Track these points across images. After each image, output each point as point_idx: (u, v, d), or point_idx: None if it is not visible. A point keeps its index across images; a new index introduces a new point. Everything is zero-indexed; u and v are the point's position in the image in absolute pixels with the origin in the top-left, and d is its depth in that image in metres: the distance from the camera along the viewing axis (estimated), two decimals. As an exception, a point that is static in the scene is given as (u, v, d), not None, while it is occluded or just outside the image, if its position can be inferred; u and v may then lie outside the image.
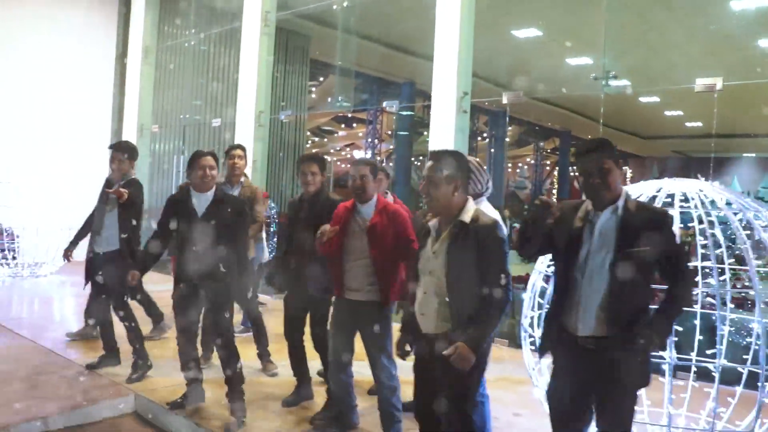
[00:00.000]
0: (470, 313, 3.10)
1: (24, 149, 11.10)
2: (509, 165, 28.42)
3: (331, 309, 4.48)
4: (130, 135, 12.91)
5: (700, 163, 22.78)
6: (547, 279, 4.21)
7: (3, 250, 10.57)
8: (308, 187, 4.85)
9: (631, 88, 13.02)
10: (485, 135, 24.14)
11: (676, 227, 3.71)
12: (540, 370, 4.35)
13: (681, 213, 3.84)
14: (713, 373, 4.11)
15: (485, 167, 4.02)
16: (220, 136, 11.78)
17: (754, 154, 24.88)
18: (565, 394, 3.07)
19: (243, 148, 6.21)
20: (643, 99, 17.73)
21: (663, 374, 3.74)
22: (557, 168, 28.70)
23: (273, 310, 7.59)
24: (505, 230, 3.24)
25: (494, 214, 3.62)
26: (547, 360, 4.03)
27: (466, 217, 3.17)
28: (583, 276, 2.96)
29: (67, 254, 5.95)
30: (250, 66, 10.90)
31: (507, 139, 24.53)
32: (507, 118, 22.26)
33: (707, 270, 3.87)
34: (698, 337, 4.01)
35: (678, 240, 3.05)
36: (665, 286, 2.97)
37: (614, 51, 9.83)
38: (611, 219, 2.94)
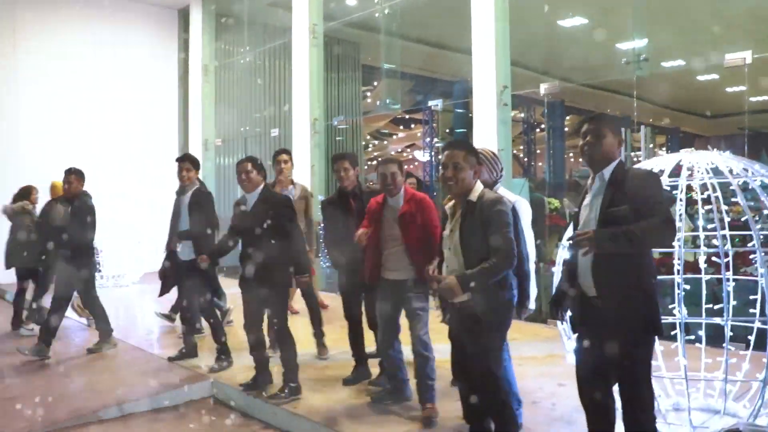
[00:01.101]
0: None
1: (100, 168, 11.95)
2: (570, 154, 28.17)
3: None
4: (195, 149, 13.68)
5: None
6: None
7: (89, 264, 11.43)
8: (343, 182, 5.38)
9: (686, 67, 12.90)
10: (542, 126, 24.06)
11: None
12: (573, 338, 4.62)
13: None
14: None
15: (499, 157, 4.36)
16: (279, 144, 12.35)
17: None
18: (587, 353, 3.33)
19: (288, 152, 6.79)
20: (701, 77, 17.42)
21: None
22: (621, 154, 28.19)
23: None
24: (509, 206, 3.63)
25: (511, 197, 4.06)
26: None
27: (474, 196, 3.62)
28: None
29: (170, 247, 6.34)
30: (302, 76, 11.47)
31: (566, 129, 24.36)
32: (563, 108, 22.13)
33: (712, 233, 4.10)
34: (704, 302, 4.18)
35: (660, 198, 3.17)
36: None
37: (661, 31, 9.84)
38: (601, 183, 3.27)
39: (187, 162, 6.29)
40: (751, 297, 4.53)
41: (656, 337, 3.28)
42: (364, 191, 5.45)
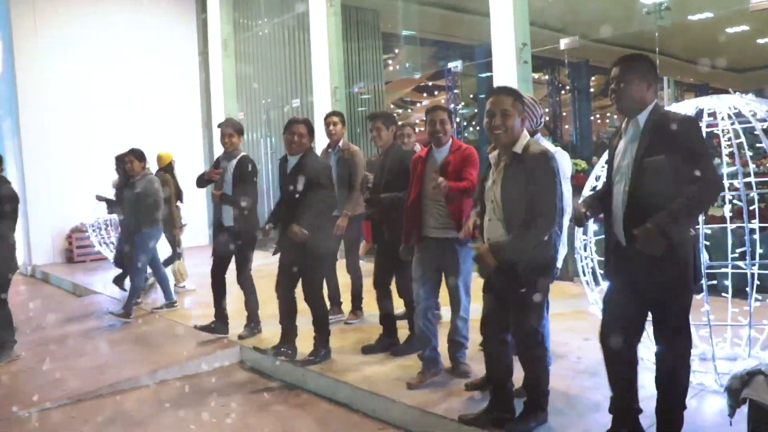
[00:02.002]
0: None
1: (125, 145, 12.09)
2: (597, 115, 27.78)
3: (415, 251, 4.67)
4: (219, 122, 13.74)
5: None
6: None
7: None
8: (377, 142, 5.38)
9: (712, 18, 12.59)
10: (568, 88, 23.76)
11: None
12: (600, 292, 4.58)
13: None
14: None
15: (539, 104, 4.21)
16: (301, 114, 12.35)
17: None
18: (618, 299, 3.26)
19: (339, 114, 6.56)
20: (730, 29, 16.97)
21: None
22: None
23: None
24: (557, 162, 3.48)
25: (551, 148, 3.89)
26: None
27: (518, 148, 3.47)
28: (614, 189, 3.19)
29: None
30: (321, 46, 11.41)
31: (591, 90, 24.01)
32: (588, 68, 21.83)
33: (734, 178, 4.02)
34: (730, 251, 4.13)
35: (700, 146, 3.04)
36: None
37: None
38: (636, 129, 3.15)
39: (229, 127, 6.10)
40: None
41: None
42: (400, 150, 5.31)
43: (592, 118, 24.47)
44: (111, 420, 4.58)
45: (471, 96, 23.34)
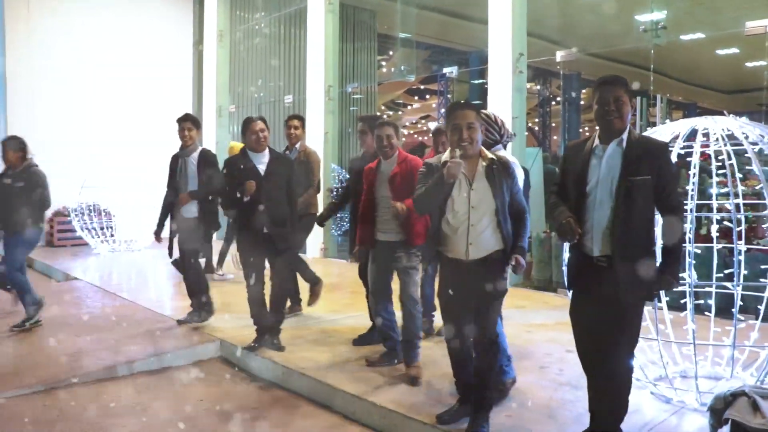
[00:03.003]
0: (512, 231, 3.63)
1: (114, 134, 11.99)
2: (586, 128, 27.95)
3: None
4: (209, 116, 13.68)
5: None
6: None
7: (102, 228, 11.56)
8: (363, 145, 5.44)
9: (705, 39, 12.71)
10: (558, 99, 23.89)
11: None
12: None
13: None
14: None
15: (500, 119, 4.32)
16: (294, 111, 12.32)
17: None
18: (586, 311, 3.37)
19: (302, 119, 6.75)
20: (719, 51, 17.12)
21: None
22: (638, 128, 27.97)
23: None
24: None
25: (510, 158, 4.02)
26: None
27: (489, 156, 3.68)
28: (594, 203, 3.28)
29: (157, 236, 6.45)
30: (317, 43, 11.38)
31: (582, 102, 24.17)
32: (580, 80, 21.95)
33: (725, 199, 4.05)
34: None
35: (672, 170, 3.30)
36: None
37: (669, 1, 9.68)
38: (617, 150, 3.24)
39: (188, 122, 6.23)
40: (762, 267, 4.51)
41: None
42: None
43: (581, 130, 24.60)
44: (84, 410, 4.52)
45: (462, 101, 23.34)
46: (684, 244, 3.24)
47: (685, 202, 3.43)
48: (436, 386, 4.50)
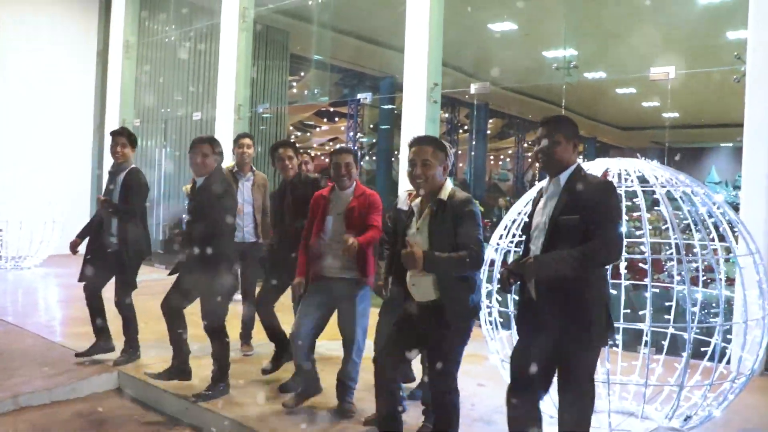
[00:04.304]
0: (454, 279, 3.41)
1: (6, 144, 11.26)
2: (491, 157, 28.72)
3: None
4: (112, 129, 13.08)
5: (678, 153, 23.02)
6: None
7: (-13, 243, 10.80)
8: (287, 171, 5.20)
9: (607, 78, 13.28)
10: (466, 127, 24.40)
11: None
12: (500, 339, 4.61)
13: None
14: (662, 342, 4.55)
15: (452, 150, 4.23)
16: (201, 129, 11.99)
17: (731, 144, 25.10)
18: (527, 354, 3.27)
19: (251, 137, 6.33)
20: (619, 90, 17.97)
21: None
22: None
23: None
24: (478, 205, 3.54)
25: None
26: (507, 332, 4.37)
27: (444, 195, 3.51)
28: (532, 241, 3.27)
29: (74, 247, 5.75)
30: (228, 61, 11.13)
31: (488, 132, 24.78)
32: (488, 110, 22.48)
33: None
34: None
35: (612, 211, 3.16)
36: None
37: (580, 42, 10.07)
38: (556, 188, 3.23)
39: (123, 137, 5.71)
40: (667, 303, 4.66)
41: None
42: (306, 180, 5.27)
43: (486, 159, 25.19)
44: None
45: (371, 126, 23.53)
46: (581, 259, 3.00)
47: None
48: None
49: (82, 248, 5.72)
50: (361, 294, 4.48)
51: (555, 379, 3.31)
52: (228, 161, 6.06)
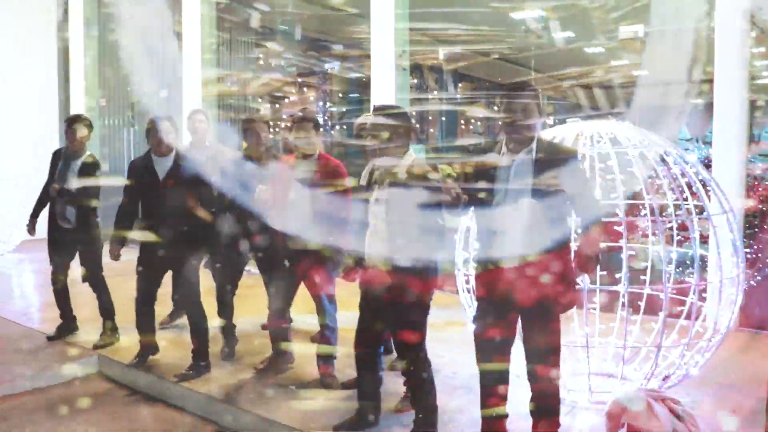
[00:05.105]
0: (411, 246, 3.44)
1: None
2: (462, 122, 28.67)
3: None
4: (77, 109, 12.78)
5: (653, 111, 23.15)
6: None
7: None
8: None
9: (572, 39, 13.25)
10: (436, 93, 24.26)
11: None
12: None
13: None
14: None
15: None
16: (169, 106, 11.75)
17: (701, 101, 25.28)
18: (493, 322, 3.37)
19: (204, 112, 6.29)
20: (589, 50, 17.95)
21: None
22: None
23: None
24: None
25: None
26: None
27: (406, 163, 3.51)
28: (503, 213, 3.25)
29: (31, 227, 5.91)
30: (192, 34, 10.87)
31: (458, 97, 24.69)
32: (457, 75, 22.37)
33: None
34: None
35: (586, 176, 3.34)
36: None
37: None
38: (527, 159, 3.23)
39: (80, 123, 5.67)
40: (643, 264, 4.72)
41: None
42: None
43: (457, 123, 25.12)
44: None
45: (341, 95, 23.33)
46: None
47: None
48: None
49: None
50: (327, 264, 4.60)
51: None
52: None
